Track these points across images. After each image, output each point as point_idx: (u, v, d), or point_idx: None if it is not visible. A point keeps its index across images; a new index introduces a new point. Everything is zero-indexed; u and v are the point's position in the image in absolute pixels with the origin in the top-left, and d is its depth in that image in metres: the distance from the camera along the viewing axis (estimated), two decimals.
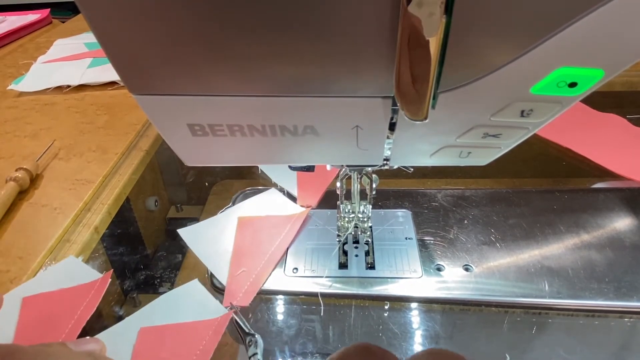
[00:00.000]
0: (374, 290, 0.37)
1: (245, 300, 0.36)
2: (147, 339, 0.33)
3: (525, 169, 0.57)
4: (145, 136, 0.53)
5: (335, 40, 0.19)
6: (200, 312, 0.35)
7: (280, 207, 0.46)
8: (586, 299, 0.35)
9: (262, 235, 0.42)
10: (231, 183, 0.59)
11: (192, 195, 0.64)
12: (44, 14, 0.96)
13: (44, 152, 0.48)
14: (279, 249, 0.41)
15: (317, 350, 0.34)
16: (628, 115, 0.57)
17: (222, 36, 0.19)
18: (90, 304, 0.34)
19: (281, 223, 0.44)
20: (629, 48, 0.19)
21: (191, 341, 0.33)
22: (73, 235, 0.40)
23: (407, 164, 0.30)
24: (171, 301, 0.36)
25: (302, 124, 0.24)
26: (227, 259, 0.40)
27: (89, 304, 0.34)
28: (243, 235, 0.43)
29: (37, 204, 0.43)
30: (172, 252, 0.55)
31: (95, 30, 0.19)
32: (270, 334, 0.35)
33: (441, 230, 0.43)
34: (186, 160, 0.28)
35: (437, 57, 0.18)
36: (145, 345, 0.33)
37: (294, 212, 0.45)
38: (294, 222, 0.43)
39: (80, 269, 0.37)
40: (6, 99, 0.63)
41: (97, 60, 0.71)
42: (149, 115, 0.24)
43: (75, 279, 0.36)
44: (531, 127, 0.24)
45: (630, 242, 0.40)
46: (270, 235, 0.42)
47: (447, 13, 0.17)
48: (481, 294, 0.36)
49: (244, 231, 0.43)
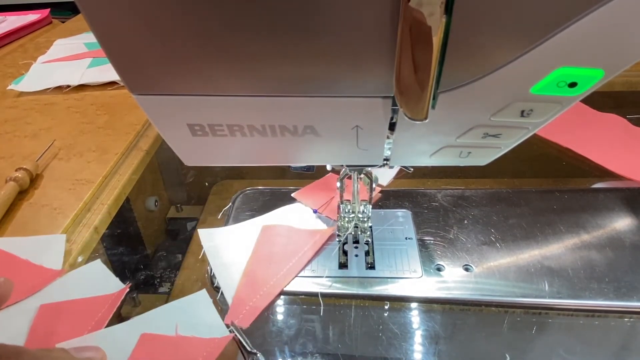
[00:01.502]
0: (374, 290, 0.37)
1: (246, 320, 0.35)
2: (146, 346, 0.33)
3: (525, 169, 0.57)
4: (145, 136, 0.53)
5: (335, 40, 0.19)
6: (202, 326, 0.35)
7: (305, 222, 0.45)
8: (586, 299, 0.35)
9: (282, 248, 0.41)
10: (231, 183, 0.59)
11: (192, 195, 0.64)
12: (44, 14, 0.96)
13: (44, 152, 0.48)
14: (296, 266, 0.39)
15: (317, 350, 0.34)
16: (628, 115, 0.57)
17: (222, 36, 0.19)
18: (103, 317, 0.34)
19: (304, 238, 0.42)
20: (629, 48, 0.19)
21: (188, 357, 0.33)
22: (73, 235, 0.40)
23: (407, 164, 0.30)
24: (175, 311, 0.36)
25: (302, 124, 0.24)
26: (239, 270, 0.39)
27: (101, 317, 0.34)
28: (263, 245, 0.42)
29: (37, 204, 0.43)
30: (172, 252, 0.55)
31: (95, 30, 0.19)
32: (271, 334, 0.35)
33: (441, 230, 0.43)
34: (186, 160, 0.28)
35: (437, 57, 0.18)
36: (143, 352, 0.33)
37: (317, 227, 0.44)
38: (317, 240, 0.42)
39: (103, 275, 0.37)
40: (6, 99, 0.63)
41: (97, 60, 0.71)
42: (149, 115, 0.24)
43: (95, 285, 0.36)
44: (531, 127, 0.24)
45: (630, 242, 0.40)
46: (290, 250, 0.41)
47: (447, 13, 0.17)
48: (481, 294, 0.36)
49: (265, 240, 0.42)
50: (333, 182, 0.48)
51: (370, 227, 0.42)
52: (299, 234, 0.42)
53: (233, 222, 0.46)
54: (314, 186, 0.49)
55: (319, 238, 0.42)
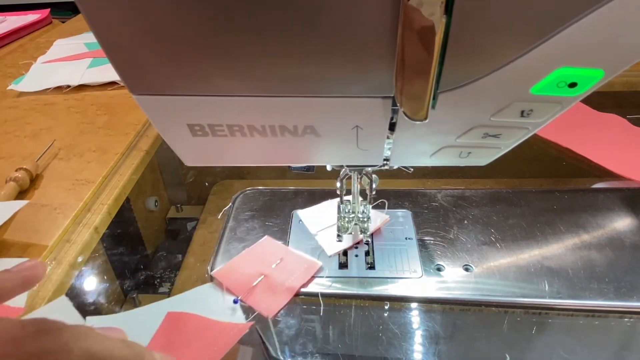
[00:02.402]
0: (374, 290, 0.37)
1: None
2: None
3: (525, 169, 0.57)
4: (145, 136, 0.53)
5: (335, 40, 0.19)
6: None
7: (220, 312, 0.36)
8: (586, 299, 0.35)
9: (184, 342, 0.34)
10: (231, 183, 0.59)
11: (192, 195, 0.64)
12: (44, 14, 0.96)
13: (44, 152, 0.48)
14: None
15: (317, 350, 0.34)
16: (628, 115, 0.57)
17: (222, 36, 0.19)
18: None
19: (214, 333, 0.34)
20: (629, 48, 0.19)
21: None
22: (73, 235, 0.40)
23: (407, 164, 0.30)
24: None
25: (302, 124, 0.24)
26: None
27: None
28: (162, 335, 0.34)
29: (37, 204, 0.43)
30: (172, 252, 0.55)
31: (95, 30, 0.19)
32: (270, 334, 0.35)
33: (441, 230, 0.43)
34: (186, 160, 0.28)
35: (437, 57, 0.18)
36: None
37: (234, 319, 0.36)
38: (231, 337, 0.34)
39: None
40: (6, 99, 0.63)
41: (97, 60, 0.71)
42: (149, 115, 0.24)
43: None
44: (531, 127, 0.24)
45: (630, 242, 0.40)
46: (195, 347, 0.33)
47: (447, 13, 0.17)
48: (481, 294, 0.36)
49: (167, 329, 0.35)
50: (264, 255, 0.41)
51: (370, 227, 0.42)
52: (210, 327, 0.35)
53: (233, 222, 0.46)
54: (240, 260, 0.41)
55: (234, 334, 0.34)
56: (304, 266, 0.39)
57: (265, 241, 0.43)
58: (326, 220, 0.44)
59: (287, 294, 0.37)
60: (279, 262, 0.40)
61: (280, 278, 0.38)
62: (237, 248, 0.42)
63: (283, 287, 0.37)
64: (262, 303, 0.36)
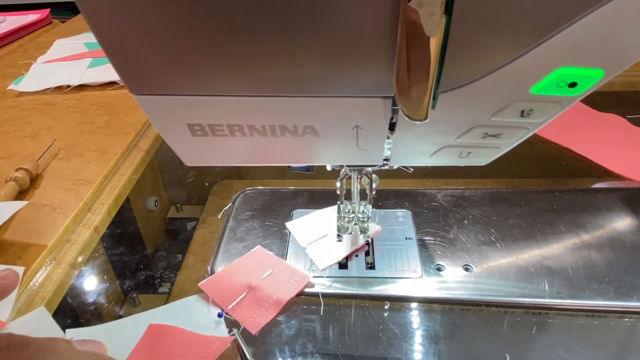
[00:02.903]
0: (374, 290, 0.37)
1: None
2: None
3: (525, 169, 0.57)
4: (145, 136, 0.53)
5: (335, 40, 0.19)
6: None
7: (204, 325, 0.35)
8: (586, 299, 0.35)
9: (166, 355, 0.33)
10: (231, 183, 0.59)
11: (192, 195, 0.64)
12: (44, 14, 0.96)
13: (44, 152, 0.48)
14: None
15: (317, 350, 0.34)
16: (628, 115, 0.57)
17: (222, 36, 0.19)
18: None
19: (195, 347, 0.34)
20: (629, 48, 0.19)
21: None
22: (73, 235, 0.40)
23: (407, 164, 0.30)
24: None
25: (302, 124, 0.24)
26: None
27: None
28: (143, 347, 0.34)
29: (37, 204, 0.43)
30: (172, 252, 0.55)
31: (95, 30, 0.19)
32: (270, 333, 0.35)
33: (441, 230, 0.43)
34: (186, 160, 0.28)
35: (437, 57, 0.18)
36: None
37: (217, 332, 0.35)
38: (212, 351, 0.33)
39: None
40: (6, 99, 0.63)
41: (97, 60, 0.71)
42: (149, 115, 0.24)
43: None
44: (531, 127, 0.24)
45: (630, 242, 0.40)
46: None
47: (447, 13, 0.17)
48: (481, 294, 0.36)
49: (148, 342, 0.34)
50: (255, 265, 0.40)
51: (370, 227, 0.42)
52: (192, 340, 0.34)
53: (233, 222, 0.46)
54: (229, 271, 0.40)
55: (216, 347, 0.33)
56: (294, 278, 0.38)
57: (257, 251, 0.42)
58: (316, 231, 0.43)
59: (274, 309, 0.36)
60: (269, 273, 0.39)
61: (269, 290, 0.37)
62: (237, 248, 0.42)
63: (271, 300, 0.37)
64: (248, 317, 0.36)
